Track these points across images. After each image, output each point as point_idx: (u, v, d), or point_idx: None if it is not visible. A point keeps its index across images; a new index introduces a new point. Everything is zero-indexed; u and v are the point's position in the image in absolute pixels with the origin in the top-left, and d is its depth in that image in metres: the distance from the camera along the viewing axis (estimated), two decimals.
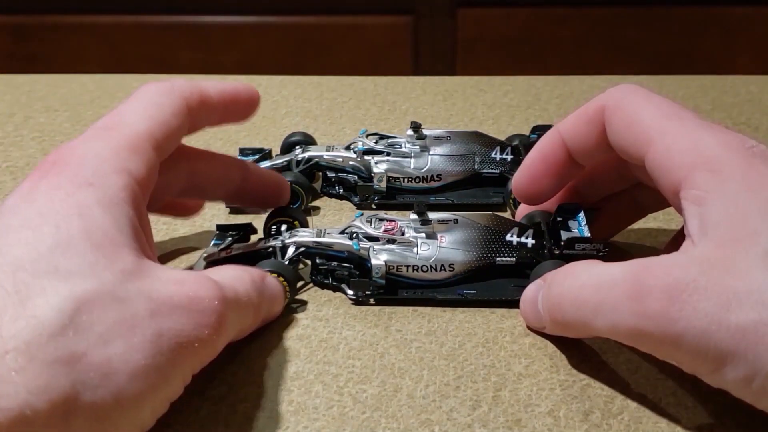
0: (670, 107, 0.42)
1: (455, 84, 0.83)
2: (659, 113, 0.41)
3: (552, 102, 0.78)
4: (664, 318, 0.35)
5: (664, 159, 0.40)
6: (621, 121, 0.43)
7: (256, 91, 0.50)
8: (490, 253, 0.48)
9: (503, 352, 0.44)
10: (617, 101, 0.43)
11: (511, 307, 0.48)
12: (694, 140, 0.39)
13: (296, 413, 0.40)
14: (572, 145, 0.46)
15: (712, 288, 0.34)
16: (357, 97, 0.80)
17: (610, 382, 0.42)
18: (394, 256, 0.48)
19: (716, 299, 0.34)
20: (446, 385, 0.42)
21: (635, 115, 0.42)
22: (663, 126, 0.41)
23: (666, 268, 0.36)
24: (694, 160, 0.38)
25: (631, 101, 0.43)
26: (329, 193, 0.61)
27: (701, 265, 0.35)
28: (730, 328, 0.33)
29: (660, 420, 0.39)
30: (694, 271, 0.35)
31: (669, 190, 0.40)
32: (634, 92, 0.43)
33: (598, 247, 0.47)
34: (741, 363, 0.34)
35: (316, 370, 0.43)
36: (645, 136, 0.41)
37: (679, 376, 0.42)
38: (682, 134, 0.40)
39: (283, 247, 0.49)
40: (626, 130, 0.42)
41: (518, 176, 0.49)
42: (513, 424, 0.39)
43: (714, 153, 0.38)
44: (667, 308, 0.35)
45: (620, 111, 0.43)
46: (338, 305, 0.48)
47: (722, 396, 0.40)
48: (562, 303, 0.40)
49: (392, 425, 0.39)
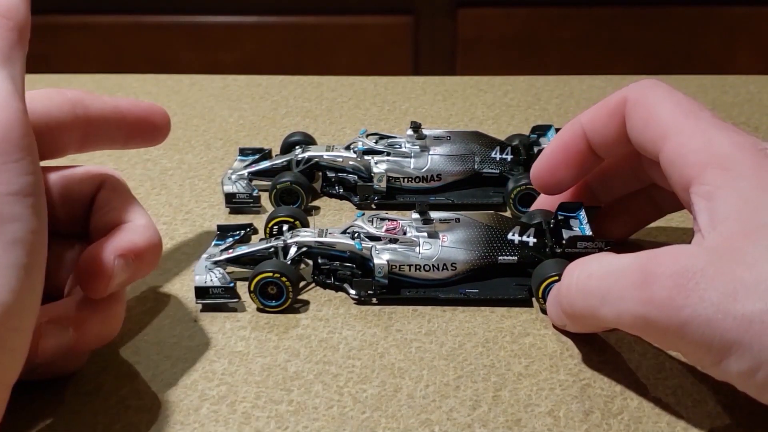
0: (688, 105, 0.42)
1: (455, 84, 0.83)
2: (677, 110, 0.42)
3: (552, 102, 0.78)
4: (669, 305, 0.35)
5: (677, 156, 0.40)
6: (640, 116, 0.43)
7: (166, 115, 0.49)
8: (492, 252, 0.48)
9: (503, 352, 0.44)
10: (638, 96, 0.44)
11: (513, 306, 0.48)
12: (708, 139, 0.40)
13: (296, 413, 0.40)
14: (593, 137, 0.47)
15: (720, 277, 0.34)
16: (357, 97, 0.80)
17: (610, 382, 0.42)
18: (396, 256, 0.48)
19: (723, 288, 0.34)
20: (446, 385, 0.42)
21: (653, 110, 0.43)
22: (679, 123, 0.41)
23: (674, 256, 0.36)
24: (706, 158, 0.39)
25: (651, 97, 0.43)
26: (329, 193, 0.61)
27: (709, 254, 0.35)
28: (736, 317, 0.33)
29: (660, 420, 0.39)
30: (702, 260, 0.35)
31: (680, 187, 0.40)
32: (655, 88, 0.44)
33: (600, 245, 0.47)
34: (746, 353, 0.33)
35: (316, 370, 0.43)
36: (661, 132, 0.42)
37: (679, 375, 0.42)
38: (697, 133, 0.40)
39: (285, 247, 0.49)
40: (644, 125, 0.43)
41: (537, 165, 0.49)
42: (513, 424, 0.39)
43: (726, 152, 0.39)
44: (673, 296, 0.35)
45: (640, 106, 0.43)
46: (338, 305, 0.48)
47: (722, 396, 0.41)
48: (571, 293, 0.40)
49: (392, 425, 0.39)
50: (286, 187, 0.57)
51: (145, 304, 0.49)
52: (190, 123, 0.74)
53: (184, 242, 0.55)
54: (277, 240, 0.50)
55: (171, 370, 0.43)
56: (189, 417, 0.40)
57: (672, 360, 0.43)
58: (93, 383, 0.42)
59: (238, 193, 0.58)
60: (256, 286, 0.47)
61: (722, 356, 0.34)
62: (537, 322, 0.46)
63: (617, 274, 0.37)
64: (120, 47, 1.62)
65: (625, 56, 1.57)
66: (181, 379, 0.42)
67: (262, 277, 0.47)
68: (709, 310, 0.34)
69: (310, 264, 0.51)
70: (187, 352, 0.44)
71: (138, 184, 0.63)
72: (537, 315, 0.47)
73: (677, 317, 0.35)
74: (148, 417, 0.40)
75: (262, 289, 0.47)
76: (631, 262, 0.37)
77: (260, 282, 0.47)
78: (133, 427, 0.39)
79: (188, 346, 0.45)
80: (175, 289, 0.50)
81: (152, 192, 0.62)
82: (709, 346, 0.34)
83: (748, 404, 0.40)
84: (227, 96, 0.80)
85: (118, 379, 0.42)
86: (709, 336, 0.34)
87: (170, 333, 0.46)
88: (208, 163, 0.66)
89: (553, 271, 0.46)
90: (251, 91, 0.81)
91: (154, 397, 0.41)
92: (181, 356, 0.44)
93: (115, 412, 0.40)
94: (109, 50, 1.62)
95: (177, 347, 0.45)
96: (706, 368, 0.36)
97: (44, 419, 0.40)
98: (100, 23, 1.61)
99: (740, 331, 0.33)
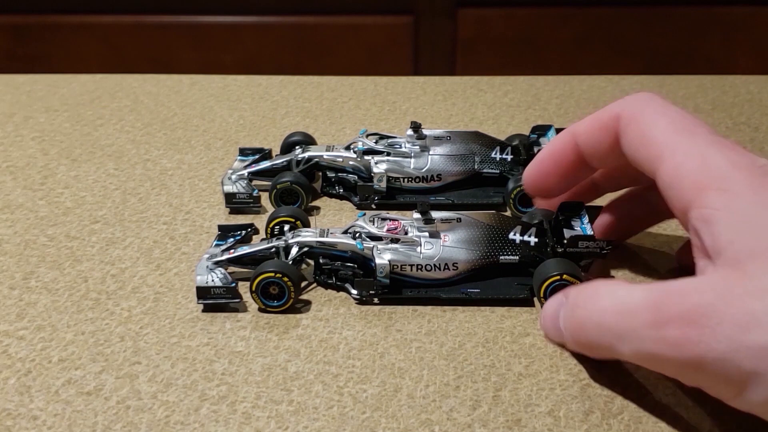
0: (683, 121, 0.41)
1: (455, 84, 0.83)
2: (672, 128, 0.41)
3: (552, 102, 0.78)
4: (684, 344, 0.35)
5: (673, 179, 0.40)
6: (634, 134, 0.43)
7: None
8: (493, 252, 0.48)
9: (503, 352, 0.44)
10: (631, 113, 0.43)
11: (514, 305, 0.48)
12: (704, 159, 0.39)
13: (296, 413, 0.40)
14: (586, 149, 0.46)
15: (730, 310, 0.34)
16: (357, 97, 0.80)
17: (610, 382, 0.42)
18: (397, 256, 0.48)
19: (735, 321, 0.33)
20: (446, 385, 0.42)
21: (648, 129, 0.42)
22: (674, 143, 0.40)
23: (683, 295, 0.36)
24: (703, 179, 0.38)
25: (645, 114, 0.42)
26: (329, 193, 0.61)
27: (717, 288, 0.35)
28: (751, 348, 0.33)
29: (660, 420, 0.39)
30: (711, 295, 0.35)
31: (679, 210, 0.40)
32: (649, 103, 0.43)
33: (602, 245, 0.47)
34: (764, 383, 0.33)
35: (316, 370, 0.43)
36: (656, 152, 0.41)
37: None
38: (692, 152, 0.39)
39: (287, 247, 0.49)
40: (639, 144, 0.42)
41: (528, 170, 0.50)
42: (513, 424, 0.39)
43: (723, 172, 0.38)
44: (687, 334, 0.34)
45: (634, 123, 0.43)
46: (338, 305, 0.48)
47: None
48: (586, 326, 0.40)
49: (392, 425, 0.39)
50: (286, 187, 0.57)
51: (145, 304, 0.49)
52: (190, 123, 0.74)
53: (184, 242, 0.55)
54: (279, 240, 0.50)
55: (171, 370, 0.43)
56: (189, 417, 0.40)
57: None
58: (93, 383, 0.42)
59: (238, 193, 0.58)
60: (257, 287, 0.47)
61: (742, 388, 0.34)
62: (537, 322, 0.46)
63: (631, 312, 0.37)
64: (120, 47, 1.62)
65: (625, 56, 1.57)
66: (181, 379, 0.42)
67: (264, 277, 0.47)
68: (723, 344, 0.34)
69: (311, 264, 0.51)
70: (187, 352, 0.44)
71: (138, 184, 0.63)
72: (537, 315, 0.47)
73: (693, 354, 0.34)
74: (148, 417, 0.40)
75: (264, 289, 0.47)
76: (643, 299, 0.37)
77: (262, 282, 0.47)
78: (133, 427, 0.39)
79: (188, 346, 0.45)
80: (175, 289, 0.50)
81: (152, 192, 0.62)
82: (728, 379, 0.34)
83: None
84: (227, 96, 0.80)
85: (118, 379, 0.42)
86: (726, 369, 0.34)
87: (170, 333, 0.46)
88: (208, 163, 0.66)
89: (555, 270, 0.46)
90: (251, 91, 0.81)
91: (154, 397, 0.41)
92: (181, 356, 0.44)
93: (115, 412, 0.40)
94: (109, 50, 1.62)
95: (177, 347, 0.45)
96: (729, 401, 0.36)
97: (45, 419, 0.40)
98: (100, 23, 1.61)
99: (756, 361, 0.33)
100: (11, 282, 0.51)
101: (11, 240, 0.56)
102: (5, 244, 0.55)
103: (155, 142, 0.70)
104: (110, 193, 0.62)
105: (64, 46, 1.61)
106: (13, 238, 0.56)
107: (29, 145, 0.70)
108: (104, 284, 0.50)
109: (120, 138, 0.71)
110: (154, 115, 0.76)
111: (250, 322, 0.47)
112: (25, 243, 0.55)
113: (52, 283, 0.51)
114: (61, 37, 1.61)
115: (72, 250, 0.54)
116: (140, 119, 0.75)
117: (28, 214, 0.59)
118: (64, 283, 0.51)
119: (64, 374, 0.43)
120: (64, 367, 0.43)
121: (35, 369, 0.43)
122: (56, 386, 0.42)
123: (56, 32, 1.61)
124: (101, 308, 0.48)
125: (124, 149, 0.69)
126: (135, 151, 0.68)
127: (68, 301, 0.49)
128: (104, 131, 0.73)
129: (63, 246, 0.55)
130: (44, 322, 0.47)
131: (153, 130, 0.73)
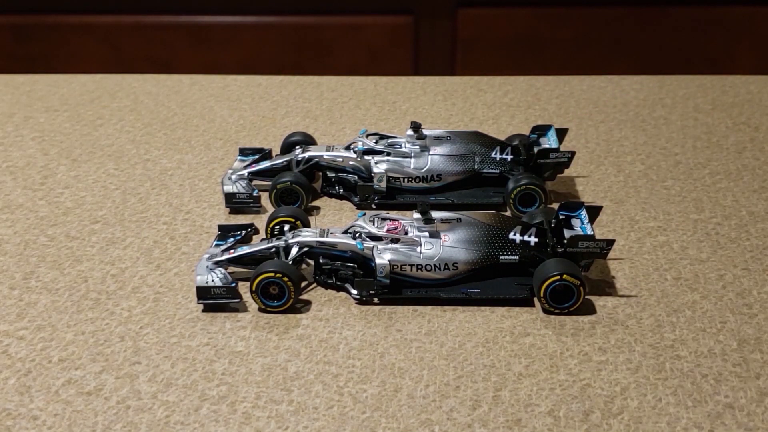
0: None
1: (455, 84, 0.83)
2: None
3: (552, 102, 0.78)
4: None
5: None
6: None
7: None
8: (493, 252, 0.48)
9: (503, 352, 0.44)
10: None
11: (514, 305, 0.48)
12: None
13: (296, 413, 0.40)
14: None
15: None
16: (357, 97, 0.80)
17: (610, 382, 0.42)
18: (397, 256, 0.48)
19: None
20: (446, 385, 0.42)
21: None
22: None
23: None
24: None
25: None
26: (329, 193, 0.61)
27: None
28: None
29: (660, 420, 0.39)
30: None
31: None
32: None
33: (602, 245, 0.47)
34: None
35: (316, 370, 0.43)
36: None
37: (679, 375, 0.42)
38: None
39: (287, 247, 0.49)
40: None
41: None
42: (513, 424, 0.39)
43: None
44: None
45: None
46: (338, 305, 0.48)
47: (722, 396, 0.41)
48: None
49: (392, 425, 0.39)
50: (286, 187, 0.57)
51: (145, 304, 0.49)
52: (190, 123, 0.74)
53: (184, 242, 0.55)
54: (279, 240, 0.50)
55: (171, 370, 0.43)
56: (189, 417, 0.40)
57: (672, 360, 0.43)
58: (93, 383, 0.42)
59: (238, 193, 0.58)
60: (257, 286, 0.47)
61: None
62: (537, 322, 0.46)
63: None
64: (120, 47, 1.62)
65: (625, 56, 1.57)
66: (181, 379, 0.42)
67: (264, 277, 0.47)
68: None
69: (311, 264, 0.51)
70: (187, 352, 0.44)
71: (138, 184, 0.63)
72: (537, 315, 0.47)
73: None
74: (148, 417, 0.40)
75: (264, 289, 0.47)
76: None
77: (262, 282, 0.47)
78: (133, 427, 0.39)
79: (188, 346, 0.45)
80: (175, 289, 0.50)
81: (152, 192, 0.62)
82: None
83: (747, 404, 0.40)
84: (227, 96, 0.80)
85: (118, 379, 0.42)
86: None
87: (170, 333, 0.46)
88: (208, 163, 0.66)
89: (555, 270, 0.46)
90: (251, 91, 0.81)
91: (154, 397, 0.41)
92: (181, 356, 0.44)
93: (115, 412, 0.40)
94: (109, 50, 1.62)
95: (177, 347, 0.45)
96: None
97: (45, 419, 0.40)
98: (100, 23, 1.61)
99: None
100: (11, 282, 0.51)
101: (11, 240, 0.56)
102: (5, 244, 0.55)
103: (155, 142, 0.70)
104: (110, 193, 0.62)
105: (64, 46, 1.61)
106: (13, 238, 0.56)
107: (29, 145, 0.70)
108: (104, 284, 0.50)
109: (120, 138, 0.71)
110: (154, 115, 0.76)
111: (250, 322, 0.47)
112: (25, 243, 0.55)
113: (52, 283, 0.51)
114: (61, 37, 1.61)
115: (72, 250, 0.54)
116: (140, 119, 0.75)
117: (28, 214, 0.59)
118: (64, 283, 0.51)
119: (64, 374, 0.43)
120: (64, 367, 0.43)
121: (35, 369, 0.43)
122: (56, 386, 0.42)
123: (56, 32, 1.61)
124: (101, 308, 0.48)
125: (124, 149, 0.69)
126: (135, 151, 0.69)
127: (68, 301, 0.49)
128: (104, 131, 0.73)
129: (63, 246, 0.55)
130: (44, 322, 0.47)
131: (153, 130, 0.73)
